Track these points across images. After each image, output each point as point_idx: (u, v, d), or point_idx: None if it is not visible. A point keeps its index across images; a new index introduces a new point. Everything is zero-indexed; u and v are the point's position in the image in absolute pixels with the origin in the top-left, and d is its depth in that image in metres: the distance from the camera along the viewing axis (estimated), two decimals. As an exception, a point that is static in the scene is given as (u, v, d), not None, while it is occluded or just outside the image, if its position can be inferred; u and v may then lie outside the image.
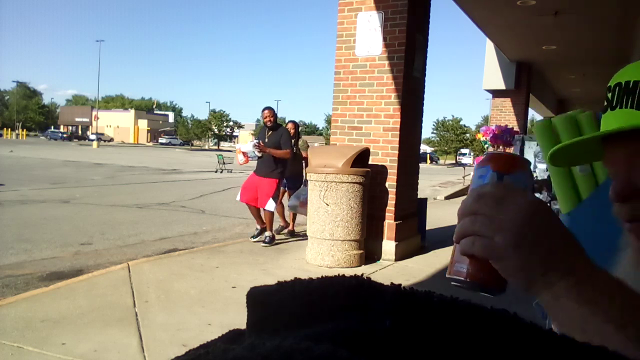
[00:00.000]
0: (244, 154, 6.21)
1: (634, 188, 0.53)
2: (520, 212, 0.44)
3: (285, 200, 6.66)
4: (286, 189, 6.71)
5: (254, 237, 6.09)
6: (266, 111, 6.10)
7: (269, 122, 6.08)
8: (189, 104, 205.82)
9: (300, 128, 7.32)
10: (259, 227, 6.07)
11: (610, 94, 0.60)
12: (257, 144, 5.96)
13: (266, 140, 6.08)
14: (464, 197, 0.50)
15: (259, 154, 5.97)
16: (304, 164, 6.84)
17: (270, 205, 5.89)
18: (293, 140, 6.58)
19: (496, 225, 0.45)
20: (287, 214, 6.74)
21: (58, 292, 3.83)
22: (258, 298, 0.36)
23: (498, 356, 0.30)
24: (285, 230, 6.70)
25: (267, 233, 5.97)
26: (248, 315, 0.36)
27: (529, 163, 0.58)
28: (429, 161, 52.13)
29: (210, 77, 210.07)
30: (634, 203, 0.53)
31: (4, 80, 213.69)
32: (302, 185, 6.61)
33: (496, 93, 12.73)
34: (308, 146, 7.03)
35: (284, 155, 5.96)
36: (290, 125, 6.87)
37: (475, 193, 0.47)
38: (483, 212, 0.45)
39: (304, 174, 6.75)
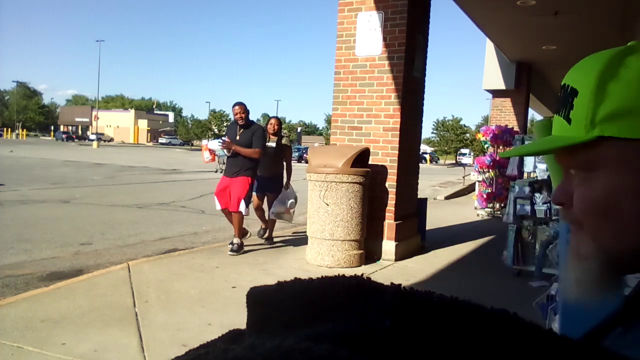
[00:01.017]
0: (211, 151, 5.74)
1: (568, 196, 0.53)
2: None
3: (264, 205, 6.15)
4: (264, 193, 6.10)
5: (231, 244, 5.44)
6: (237, 107, 5.58)
7: (240, 120, 5.55)
8: (189, 104, 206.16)
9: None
10: (237, 238, 5.46)
11: (559, 93, 0.58)
12: (223, 141, 5.49)
13: (237, 138, 5.55)
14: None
15: (229, 153, 5.54)
16: (285, 165, 6.23)
17: (242, 207, 5.39)
18: (275, 138, 6.09)
19: None
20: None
21: (58, 292, 3.83)
22: (258, 298, 0.36)
23: (498, 356, 0.30)
24: (266, 235, 6.11)
25: (236, 240, 5.41)
26: (248, 315, 0.36)
27: None
28: (429, 161, 52.13)
29: (210, 77, 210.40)
30: (568, 209, 0.54)
31: (4, 80, 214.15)
32: (283, 189, 6.05)
33: (496, 93, 12.73)
34: (290, 146, 6.40)
35: (252, 154, 5.46)
36: (273, 121, 6.27)
37: None
38: None
39: (285, 176, 6.20)
